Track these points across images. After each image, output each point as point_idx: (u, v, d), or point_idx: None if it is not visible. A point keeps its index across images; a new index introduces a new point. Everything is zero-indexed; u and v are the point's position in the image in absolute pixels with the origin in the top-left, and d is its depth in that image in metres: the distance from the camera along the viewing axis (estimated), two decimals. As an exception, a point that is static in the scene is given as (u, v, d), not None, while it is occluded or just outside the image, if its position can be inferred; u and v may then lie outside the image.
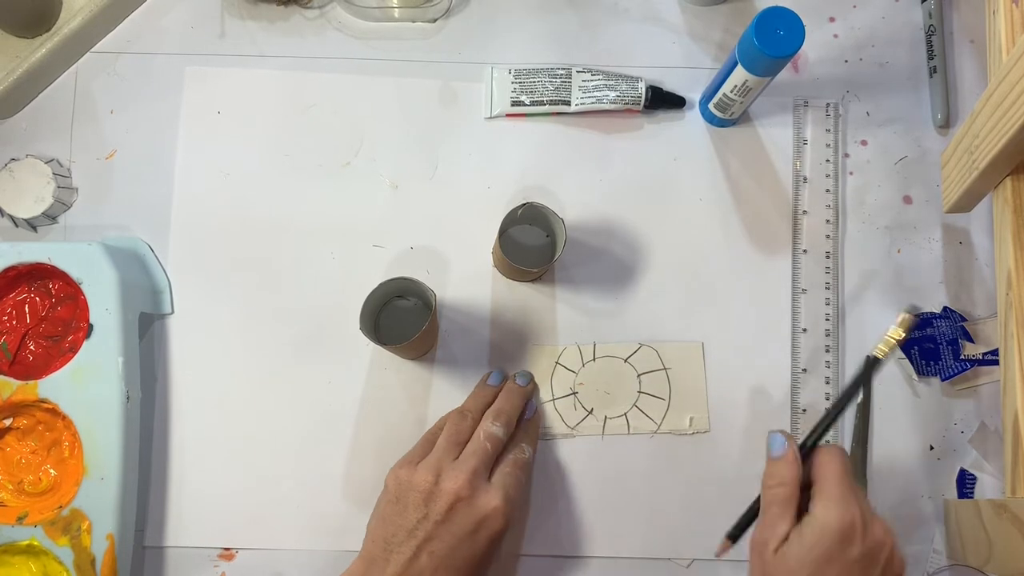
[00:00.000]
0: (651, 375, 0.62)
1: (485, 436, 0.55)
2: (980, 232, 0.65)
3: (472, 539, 0.50)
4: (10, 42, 0.63)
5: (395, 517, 0.52)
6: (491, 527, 0.51)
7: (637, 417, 0.62)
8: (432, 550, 0.50)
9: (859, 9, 0.68)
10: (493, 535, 0.51)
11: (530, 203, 0.59)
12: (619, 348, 0.62)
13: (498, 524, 0.51)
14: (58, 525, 0.55)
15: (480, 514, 0.51)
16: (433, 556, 0.50)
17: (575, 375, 0.62)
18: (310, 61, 0.66)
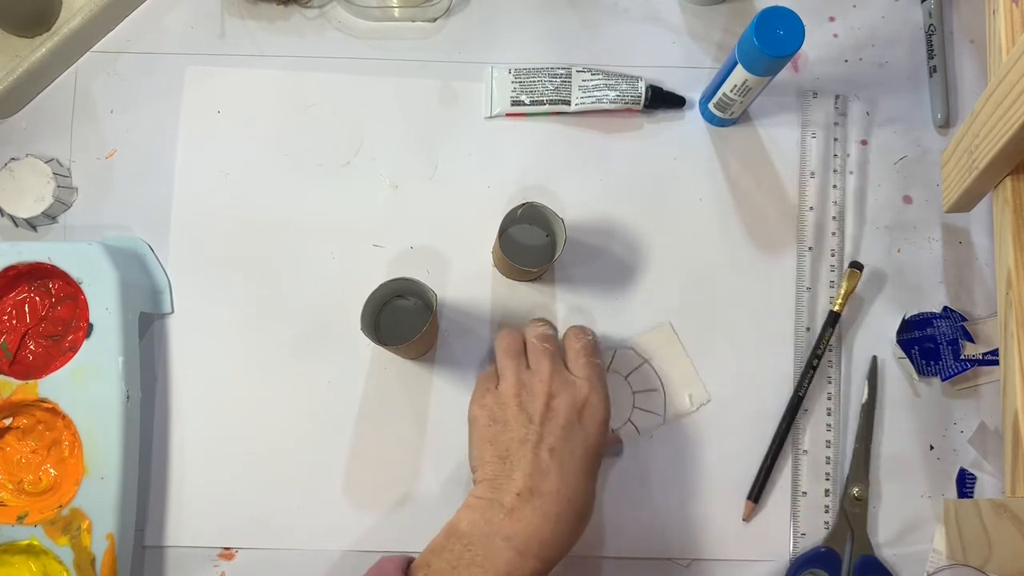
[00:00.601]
0: (637, 372, 0.62)
1: (538, 338, 0.56)
2: (980, 232, 0.65)
3: (581, 427, 0.52)
4: (10, 42, 0.63)
5: (500, 436, 0.52)
6: (593, 412, 0.52)
7: (642, 418, 0.62)
8: (551, 446, 0.50)
9: (859, 9, 0.68)
10: (598, 420, 0.53)
11: (530, 203, 0.59)
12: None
13: (598, 407, 0.53)
14: (58, 525, 0.55)
15: (578, 403, 0.52)
16: (553, 452, 0.50)
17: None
18: (310, 61, 0.66)
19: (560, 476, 0.49)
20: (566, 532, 0.49)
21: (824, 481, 0.61)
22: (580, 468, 0.50)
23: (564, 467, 0.50)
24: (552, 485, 0.49)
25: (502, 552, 0.47)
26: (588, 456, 0.51)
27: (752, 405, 0.62)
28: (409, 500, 0.61)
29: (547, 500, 0.49)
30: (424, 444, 0.61)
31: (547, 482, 0.49)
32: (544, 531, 0.48)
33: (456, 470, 0.61)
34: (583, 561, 0.60)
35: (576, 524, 0.50)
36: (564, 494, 0.49)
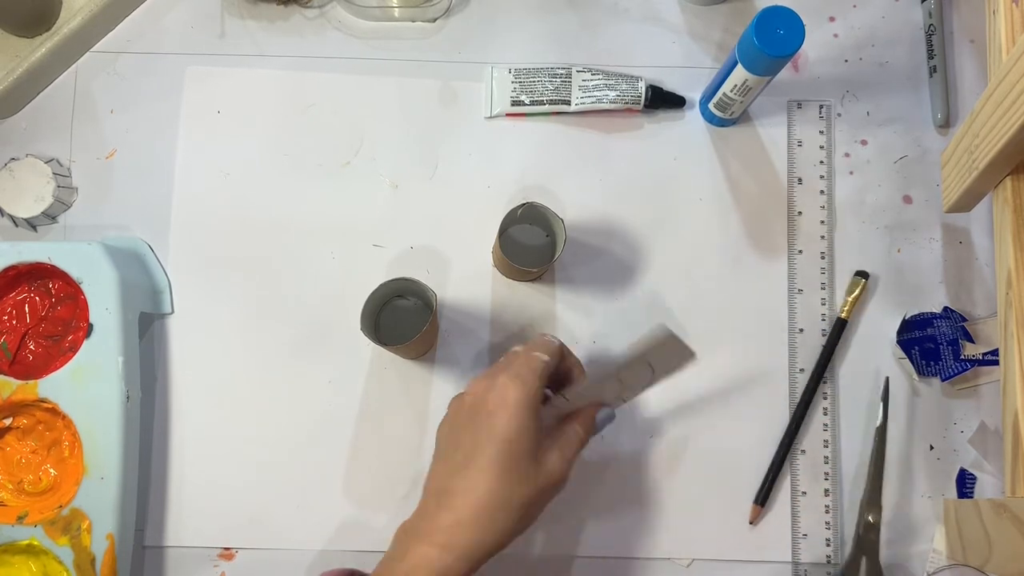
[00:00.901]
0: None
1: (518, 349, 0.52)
2: (980, 232, 0.65)
3: (486, 415, 0.48)
4: (10, 41, 0.63)
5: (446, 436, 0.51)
6: (499, 394, 0.48)
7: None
8: (458, 441, 0.49)
9: (859, 9, 0.68)
10: (506, 401, 0.48)
11: (530, 203, 0.59)
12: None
13: (506, 387, 0.48)
14: (58, 525, 0.55)
15: (486, 390, 0.49)
16: (459, 447, 0.49)
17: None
18: (310, 61, 0.66)
19: (465, 471, 0.47)
20: (481, 527, 0.46)
21: (824, 481, 0.61)
22: (490, 460, 0.47)
23: (471, 461, 0.47)
24: (459, 482, 0.47)
25: (415, 547, 0.47)
26: (494, 443, 0.47)
27: (749, 404, 0.62)
28: (409, 500, 0.61)
29: (455, 496, 0.47)
30: (424, 444, 0.61)
31: (455, 479, 0.47)
32: (451, 524, 0.46)
33: (456, 470, 0.61)
34: (583, 561, 0.60)
35: (497, 517, 0.47)
36: (471, 488, 0.47)
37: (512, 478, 0.47)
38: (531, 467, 0.47)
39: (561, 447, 0.49)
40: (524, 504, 0.47)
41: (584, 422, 0.51)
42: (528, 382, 0.48)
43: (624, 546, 0.61)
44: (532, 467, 0.47)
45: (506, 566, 0.60)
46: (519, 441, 0.47)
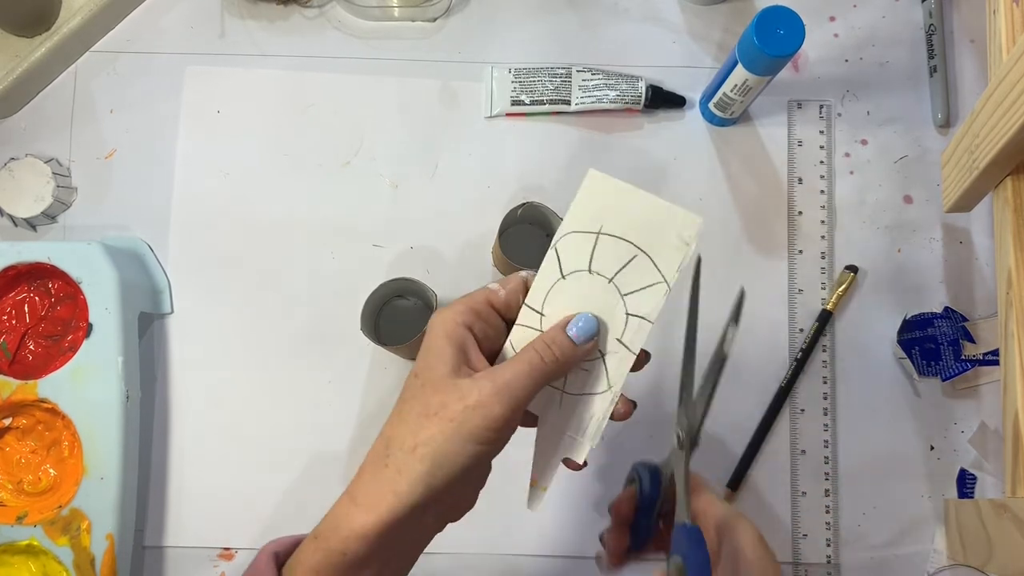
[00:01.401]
0: (626, 271, 0.44)
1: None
2: (980, 232, 0.65)
3: (421, 350, 0.42)
4: (10, 41, 0.63)
5: None
6: (430, 326, 0.42)
7: (640, 303, 0.43)
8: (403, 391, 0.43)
9: (859, 8, 0.68)
10: (433, 331, 0.42)
11: (530, 203, 0.59)
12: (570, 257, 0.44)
13: (434, 318, 0.42)
14: (58, 525, 0.55)
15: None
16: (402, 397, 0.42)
17: (586, 268, 0.44)
18: (310, 61, 0.66)
19: (398, 416, 0.41)
20: (378, 473, 0.40)
21: (824, 481, 0.61)
22: (401, 396, 0.41)
23: (401, 406, 0.41)
24: (391, 428, 0.41)
25: (340, 498, 0.42)
26: (408, 378, 0.41)
27: (749, 404, 0.62)
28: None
29: (383, 444, 0.41)
30: (424, 444, 0.61)
31: (391, 426, 0.41)
32: (359, 473, 0.41)
33: (456, 470, 0.61)
34: (583, 561, 0.60)
35: (397, 456, 0.39)
36: (397, 434, 0.40)
37: (411, 415, 0.40)
38: (436, 397, 0.39)
39: (494, 371, 0.40)
40: (423, 442, 0.39)
41: (546, 337, 0.41)
42: (448, 308, 0.41)
43: (624, 546, 0.61)
44: (438, 397, 0.39)
45: (506, 566, 0.60)
46: (424, 372, 0.40)
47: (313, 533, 0.41)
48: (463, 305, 0.42)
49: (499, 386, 0.39)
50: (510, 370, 0.39)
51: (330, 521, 0.41)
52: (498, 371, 0.40)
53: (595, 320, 0.41)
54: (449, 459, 0.38)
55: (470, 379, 0.39)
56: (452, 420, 0.38)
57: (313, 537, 0.41)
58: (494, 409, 0.38)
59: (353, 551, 0.39)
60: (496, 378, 0.39)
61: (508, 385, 0.39)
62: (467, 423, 0.38)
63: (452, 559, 0.60)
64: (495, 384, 0.39)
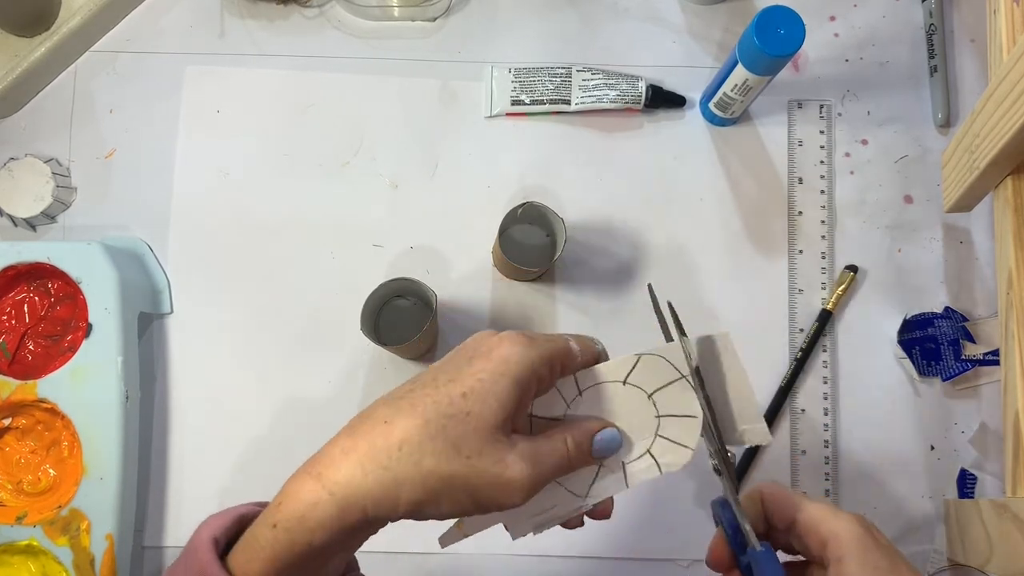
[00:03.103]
0: (667, 390, 0.43)
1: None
2: (981, 232, 0.65)
3: (468, 362, 0.39)
4: (9, 41, 0.63)
5: None
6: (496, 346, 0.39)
7: (666, 450, 0.43)
8: (426, 376, 0.40)
9: (860, 8, 0.68)
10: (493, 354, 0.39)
11: (530, 202, 0.59)
12: (611, 369, 0.43)
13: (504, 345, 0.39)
14: (57, 525, 0.55)
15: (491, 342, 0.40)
16: (420, 379, 0.40)
17: (577, 393, 0.43)
18: (310, 60, 0.66)
19: (400, 401, 0.38)
20: (367, 466, 0.36)
21: (824, 481, 0.61)
22: (430, 403, 0.38)
23: (413, 394, 0.39)
24: (384, 410, 0.38)
25: (297, 475, 0.38)
26: (449, 389, 0.38)
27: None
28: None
29: (368, 422, 0.38)
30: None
31: (385, 407, 0.39)
32: (342, 451, 0.37)
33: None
34: (584, 561, 0.60)
35: (394, 466, 0.36)
36: (390, 419, 0.38)
37: (440, 435, 0.36)
38: (474, 442, 0.37)
39: (533, 451, 0.38)
40: (438, 475, 0.36)
41: (577, 435, 0.40)
42: (532, 347, 0.39)
43: (624, 546, 0.61)
44: (477, 441, 0.37)
45: (505, 566, 0.60)
46: (474, 400, 0.37)
47: (269, 520, 0.37)
48: (546, 351, 0.39)
49: (535, 475, 0.38)
50: (548, 460, 0.39)
51: (293, 508, 0.36)
52: (540, 455, 0.38)
53: (619, 442, 0.41)
54: (449, 504, 0.37)
55: (512, 446, 0.38)
56: (479, 476, 0.37)
57: (271, 526, 0.37)
58: (517, 497, 0.37)
59: (320, 543, 0.36)
60: (537, 463, 0.38)
61: (542, 476, 0.38)
62: (487, 490, 0.37)
63: (453, 559, 0.60)
64: (534, 470, 0.38)
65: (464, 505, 0.37)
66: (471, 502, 0.37)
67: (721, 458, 0.43)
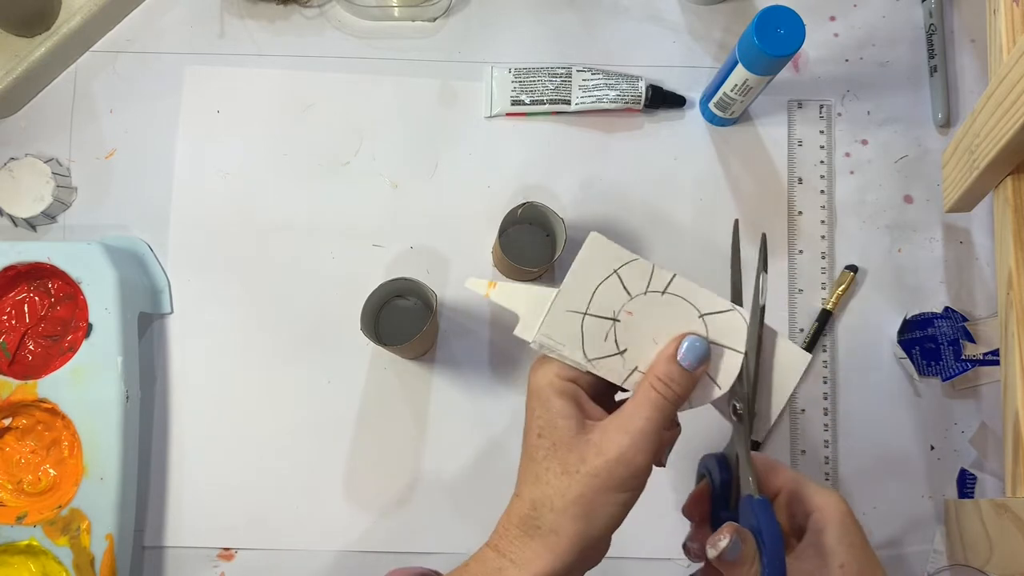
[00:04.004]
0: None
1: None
2: (981, 232, 0.65)
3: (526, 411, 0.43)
4: (9, 41, 0.63)
5: None
6: (530, 384, 0.43)
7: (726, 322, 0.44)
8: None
9: (859, 8, 0.68)
10: (531, 389, 0.43)
11: (530, 202, 0.59)
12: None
13: (531, 377, 0.43)
14: (57, 525, 0.55)
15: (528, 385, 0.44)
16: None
17: (628, 298, 0.44)
18: (309, 60, 0.66)
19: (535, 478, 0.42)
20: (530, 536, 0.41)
21: (824, 481, 0.61)
22: (524, 460, 0.42)
23: (534, 467, 0.42)
24: (531, 490, 0.41)
25: (484, 549, 0.42)
26: (525, 438, 0.42)
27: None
28: (409, 500, 0.61)
29: (512, 502, 0.42)
30: (424, 444, 0.61)
31: (529, 487, 0.42)
32: (518, 536, 0.41)
33: (456, 470, 0.61)
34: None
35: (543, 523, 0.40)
36: (517, 495, 0.42)
37: (550, 475, 0.40)
38: (572, 456, 0.40)
39: (622, 420, 0.40)
40: (572, 502, 0.39)
41: (657, 370, 0.41)
42: (546, 363, 0.42)
43: (624, 546, 0.61)
44: (574, 455, 0.40)
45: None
46: (549, 432, 0.40)
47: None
48: (559, 360, 0.42)
49: (634, 436, 0.39)
50: (638, 416, 0.40)
51: (479, 571, 0.41)
52: (627, 419, 0.40)
53: (702, 341, 0.42)
54: (601, 513, 0.40)
55: (600, 431, 0.40)
56: (596, 476, 0.39)
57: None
58: (636, 459, 0.39)
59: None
60: (629, 427, 0.40)
61: (642, 432, 0.39)
62: (613, 476, 0.39)
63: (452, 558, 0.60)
64: (630, 434, 0.39)
65: (613, 500, 0.40)
66: (614, 493, 0.40)
67: (748, 404, 0.43)
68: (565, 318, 0.43)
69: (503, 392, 0.62)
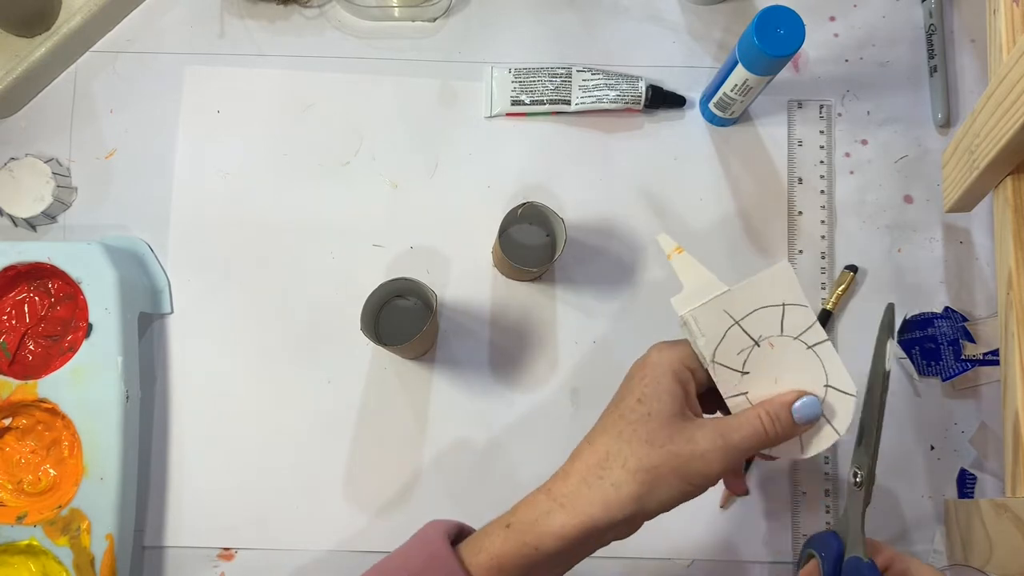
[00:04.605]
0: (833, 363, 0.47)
1: None
2: (981, 232, 0.65)
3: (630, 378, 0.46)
4: (9, 41, 0.63)
5: None
6: (648, 357, 0.46)
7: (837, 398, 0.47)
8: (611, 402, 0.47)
9: (859, 8, 0.68)
10: (648, 361, 0.45)
11: (530, 202, 0.59)
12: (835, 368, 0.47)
13: (653, 353, 0.46)
14: (57, 525, 0.55)
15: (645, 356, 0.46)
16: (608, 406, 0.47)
17: (779, 332, 0.46)
18: (309, 60, 0.66)
19: (595, 426, 0.45)
20: (588, 481, 0.43)
21: (824, 481, 0.61)
22: (614, 417, 0.44)
23: (602, 418, 0.45)
24: (589, 436, 0.45)
25: (535, 495, 0.44)
26: (624, 401, 0.45)
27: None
28: (409, 500, 0.61)
29: (581, 449, 0.45)
30: (424, 444, 0.61)
31: (590, 434, 0.45)
32: (564, 474, 0.44)
33: (456, 470, 0.61)
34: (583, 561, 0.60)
35: (606, 475, 0.42)
36: (592, 440, 0.44)
37: (633, 437, 0.42)
38: (663, 431, 0.42)
39: (721, 426, 0.43)
40: (645, 468, 0.42)
41: (772, 408, 0.44)
42: (675, 347, 0.45)
43: (624, 546, 0.60)
44: (665, 431, 0.42)
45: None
46: (650, 401, 0.43)
47: (504, 521, 0.43)
48: (688, 348, 0.45)
49: (728, 445, 0.42)
50: (739, 432, 0.43)
51: (526, 514, 0.43)
52: (728, 429, 0.43)
53: (819, 405, 0.45)
54: (663, 491, 0.42)
55: (697, 425, 0.43)
56: (677, 456, 0.42)
57: (504, 525, 0.43)
58: (715, 464, 0.42)
59: (546, 548, 0.42)
60: (726, 435, 0.43)
61: (735, 447, 0.43)
62: (690, 466, 0.42)
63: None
64: (725, 441, 0.42)
65: (676, 486, 0.42)
66: (681, 481, 0.42)
67: (868, 473, 0.47)
68: (717, 316, 0.46)
69: (503, 392, 0.62)
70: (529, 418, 0.62)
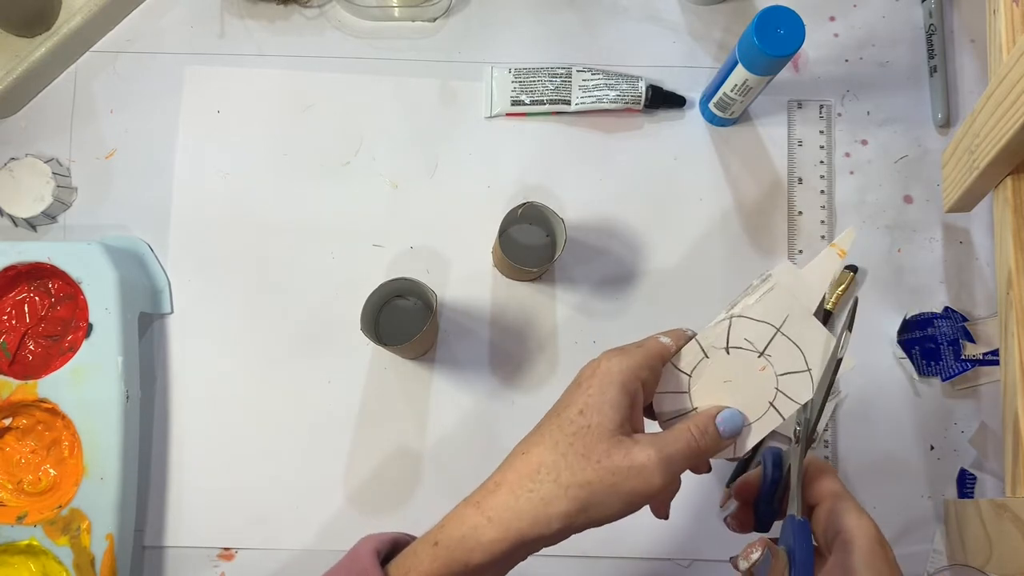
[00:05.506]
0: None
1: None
2: (981, 232, 0.65)
3: (576, 387, 0.44)
4: (9, 41, 0.63)
5: None
6: (595, 366, 0.44)
7: (785, 403, 0.46)
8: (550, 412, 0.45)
9: (859, 8, 0.68)
10: (595, 372, 0.44)
11: (530, 202, 0.59)
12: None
13: (600, 363, 0.44)
14: (57, 525, 0.55)
15: (592, 365, 0.44)
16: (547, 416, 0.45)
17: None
18: (310, 60, 0.66)
19: (531, 436, 0.43)
20: (516, 493, 0.41)
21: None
22: (552, 427, 0.43)
23: (539, 427, 0.43)
24: (521, 446, 0.43)
25: (461, 508, 0.42)
26: (564, 411, 0.43)
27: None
28: (409, 499, 0.61)
29: (512, 459, 0.43)
30: (424, 444, 0.61)
31: (523, 443, 0.43)
32: (494, 485, 0.42)
33: (456, 470, 0.61)
34: (584, 561, 0.60)
35: (538, 488, 0.41)
36: (526, 452, 0.42)
37: (569, 450, 0.41)
38: (600, 445, 0.41)
39: (657, 440, 0.42)
40: (578, 484, 0.40)
41: (700, 421, 0.43)
42: (628, 356, 0.43)
43: (624, 546, 0.61)
44: (603, 446, 0.41)
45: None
46: (591, 413, 0.41)
47: (432, 538, 0.42)
48: (641, 357, 0.44)
49: (664, 457, 0.41)
50: (673, 445, 0.42)
51: (454, 529, 0.41)
52: (663, 443, 0.42)
53: (741, 418, 0.44)
54: (597, 509, 0.41)
55: (634, 440, 0.41)
56: (613, 473, 0.40)
57: (432, 543, 0.41)
58: (655, 479, 0.40)
59: (475, 563, 0.40)
60: (662, 449, 0.41)
61: (671, 459, 0.41)
62: (627, 483, 0.40)
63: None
64: (661, 455, 0.41)
65: (611, 504, 0.41)
66: (617, 498, 0.40)
67: (806, 432, 0.46)
68: (777, 306, 0.47)
69: (503, 392, 0.62)
70: (529, 418, 0.62)
